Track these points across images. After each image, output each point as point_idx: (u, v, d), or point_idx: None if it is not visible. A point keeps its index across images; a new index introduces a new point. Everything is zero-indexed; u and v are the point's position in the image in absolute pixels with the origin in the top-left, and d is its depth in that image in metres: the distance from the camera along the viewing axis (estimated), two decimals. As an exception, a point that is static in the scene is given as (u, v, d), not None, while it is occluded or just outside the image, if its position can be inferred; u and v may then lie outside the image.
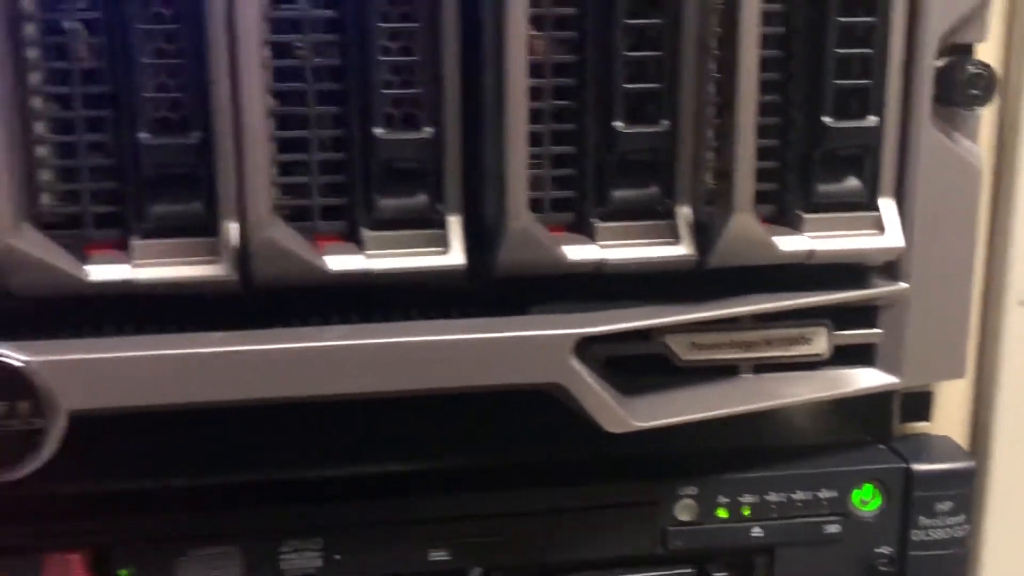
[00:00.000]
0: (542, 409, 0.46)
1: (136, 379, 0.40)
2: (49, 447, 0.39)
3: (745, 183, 0.43)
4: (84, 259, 0.41)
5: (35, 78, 0.40)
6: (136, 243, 0.41)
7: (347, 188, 0.43)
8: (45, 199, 0.41)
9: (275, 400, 0.41)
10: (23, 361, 0.39)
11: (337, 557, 0.46)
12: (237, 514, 0.46)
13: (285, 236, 0.41)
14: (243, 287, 0.41)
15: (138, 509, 0.45)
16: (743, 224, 0.43)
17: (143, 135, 0.40)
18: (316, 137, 0.42)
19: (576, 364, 0.43)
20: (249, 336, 0.41)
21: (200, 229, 0.42)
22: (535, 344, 0.42)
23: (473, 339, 0.42)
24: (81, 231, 0.41)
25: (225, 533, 0.45)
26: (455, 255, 0.44)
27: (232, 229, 0.41)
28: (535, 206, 0.43)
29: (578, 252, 0.44)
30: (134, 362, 0.40)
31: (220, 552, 0.45)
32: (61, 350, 0.40)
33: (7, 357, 0.38)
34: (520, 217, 0.41)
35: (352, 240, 0.44)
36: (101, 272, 0.41)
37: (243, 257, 0.41)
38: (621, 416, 0.43)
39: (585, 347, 0.43)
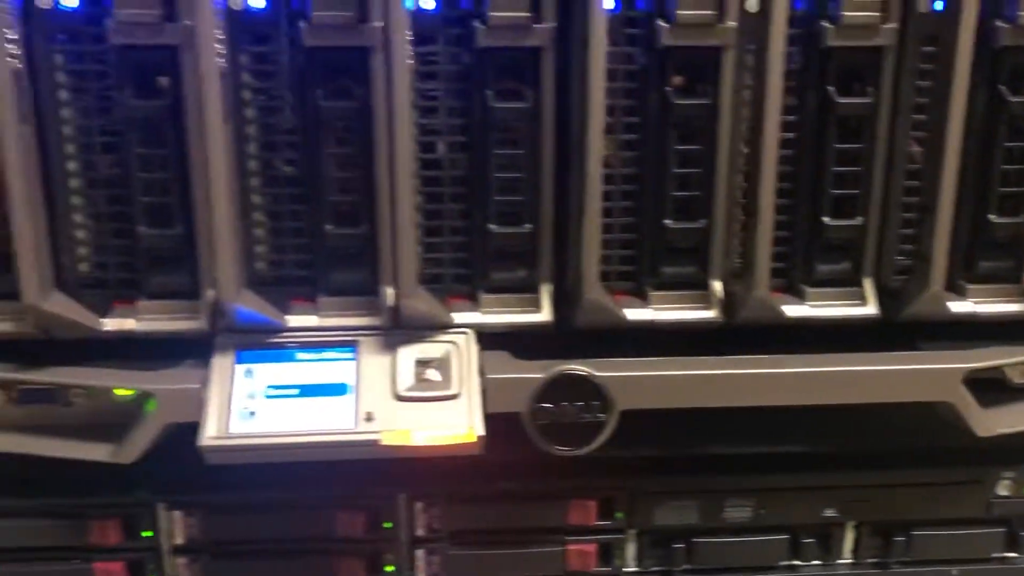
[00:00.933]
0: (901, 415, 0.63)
1: (663, 388, 0.59)
2: (606, 434, 0.59)
3: (762, 265, 0.58)
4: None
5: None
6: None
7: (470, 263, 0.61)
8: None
9: (745, 405, 0.60)
10: (597, 376, 0.58)
11: (762, 511, 0.66)
12: (696, 478, 0.66)
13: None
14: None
15: (632, 472, 0.65)
16: (760, 295, 0.59)
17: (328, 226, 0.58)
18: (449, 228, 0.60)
19: (963, 388, 0.60)
20: (729, 362, 0.60)
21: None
22: (937, 373, 0.60)
23: (895, 369, 0.60)
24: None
25: (687, 491, 0.66)
26: (546, 313, 0.60)
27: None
28: (604, 277, 0.59)
29: (635, 313, 0.60)
30: (663, 377, 0.59)
31: (684, 504, 0.66)
32: (616, 368, 0.58)
33: (586, 373, 0.58)
34: (593, 289, 0.57)
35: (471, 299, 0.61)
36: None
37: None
38: (989, 425, 0.61)
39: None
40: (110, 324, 0.59)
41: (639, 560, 0.67)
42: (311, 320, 0.60)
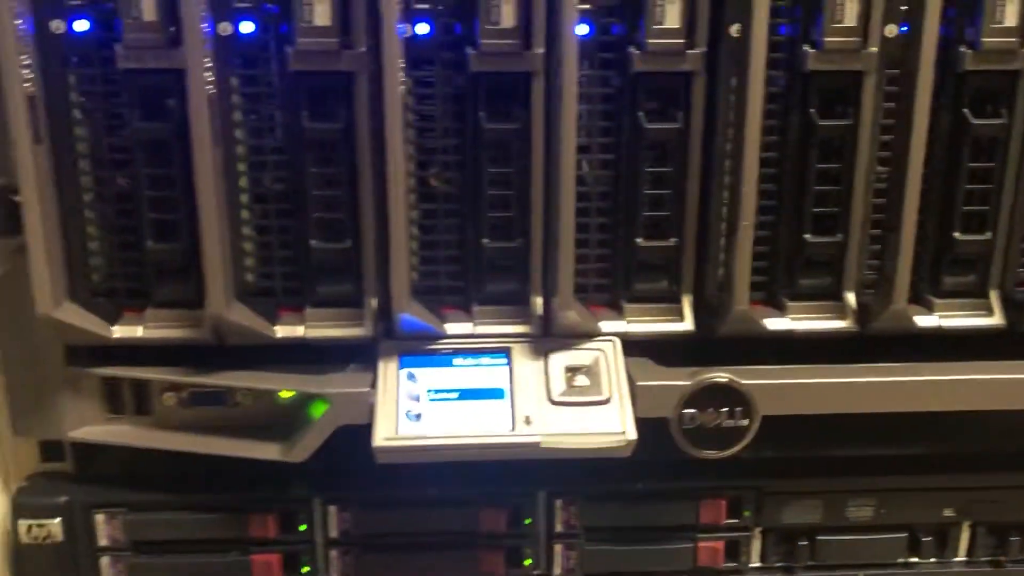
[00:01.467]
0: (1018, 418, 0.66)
1: (804, 395, 0.62)
2: (748, 438, 0.62)
3: (902, 278, 0.61)
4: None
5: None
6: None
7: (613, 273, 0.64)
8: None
9: (881, 411, 0.63)
10: (743, 384, 0.61)
11: (883, 511, 0.69)
12: (821, 479, 0.69)
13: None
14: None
15: (760, 472, 0.69)
16: (898, 308, 0.62)
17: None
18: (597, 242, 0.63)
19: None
20: (865, 370, 0.63)
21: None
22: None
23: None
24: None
25: (812, 491, 0.69)
26: (688, 322, 0.63)
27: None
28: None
29: (775, 323, 0.63)
30: (804, 385, 0.62)
31: (808, 503, 0.68)
32: (758, 375, 0.61)
33: (733, 381, 0.61)
34: (741, 301, 0.61)
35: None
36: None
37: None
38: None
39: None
40: (281, 331, 0.62)
41: (763, 557, 0.70)
42: (466, 328, 0.63)
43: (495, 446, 0.60)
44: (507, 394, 0.61)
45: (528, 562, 0.69)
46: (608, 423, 0.60)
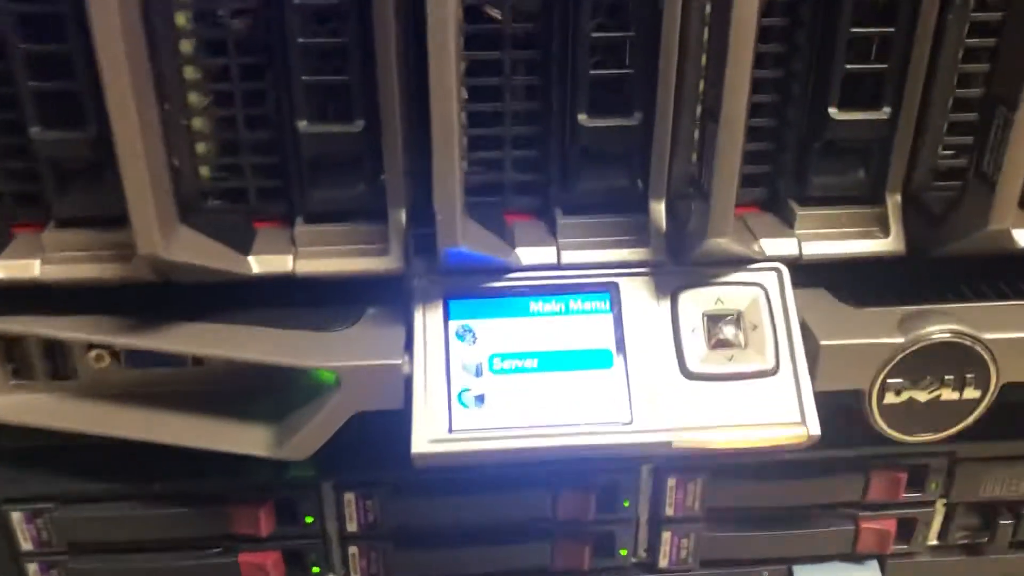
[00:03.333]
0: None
1: None
2: (978, 413, 0.42)
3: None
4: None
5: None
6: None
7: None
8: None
9: None
10: (985, 339, 0.40)
11: None
12: None
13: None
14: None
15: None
16: None
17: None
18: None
19: None
20: None
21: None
22: None
23: None
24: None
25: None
26: (895, 237, 0.41)
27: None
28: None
29: None
30: None
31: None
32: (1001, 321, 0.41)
33: (970, 337, 0.40)
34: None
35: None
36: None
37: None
38: None
39: None
40: (259, 264, 0.40)
41: (943, 535, 0.51)
42: (548, 254, 0.41)
43: (601, 448, 0.39)
44: (615, 359, 0.40)
45: (624, 552, 0.50)
46: (776, 407, 0.39)
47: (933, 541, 0.52)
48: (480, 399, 0.39)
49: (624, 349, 0.40)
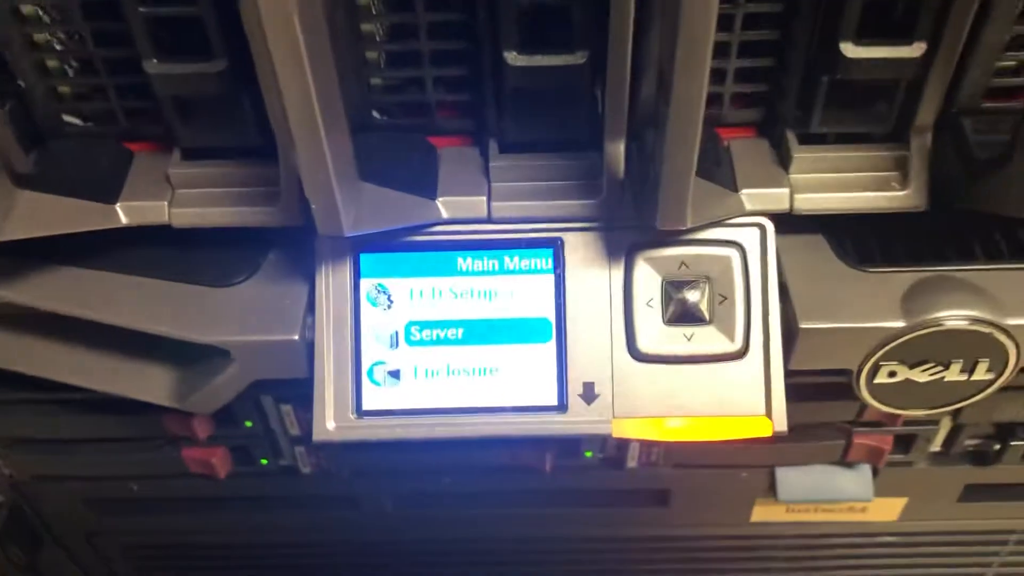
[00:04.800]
0: None
1: None
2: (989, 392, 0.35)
3: None
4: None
5: None
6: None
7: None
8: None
9: None
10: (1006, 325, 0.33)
11: None
12: None
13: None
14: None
15: None
16: None
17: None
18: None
19: None
20: None
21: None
22: None
23: None
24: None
25: None
26: (916, 189, 0.32)
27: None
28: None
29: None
30: None
31: None
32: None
33: (989, 324, 0.33)
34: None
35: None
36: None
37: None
38: None
39: None
40: (127, 213, 0.33)
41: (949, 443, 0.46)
42: (477, 203, 0.33)
43: (531, 432, 0.34)
44: (554, 332, 0.33)
45: (588, 454, 0.46)
46: (738, 397, 0.33)
47: (936, 448, 0.47)
48: (395, 375, 0.34)
49: (564, 320, 0.33)
